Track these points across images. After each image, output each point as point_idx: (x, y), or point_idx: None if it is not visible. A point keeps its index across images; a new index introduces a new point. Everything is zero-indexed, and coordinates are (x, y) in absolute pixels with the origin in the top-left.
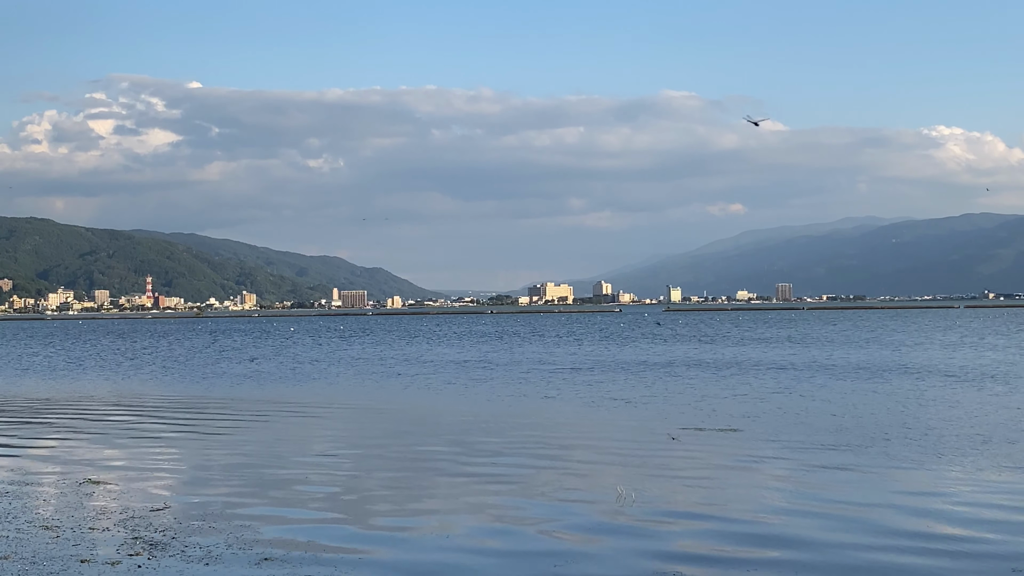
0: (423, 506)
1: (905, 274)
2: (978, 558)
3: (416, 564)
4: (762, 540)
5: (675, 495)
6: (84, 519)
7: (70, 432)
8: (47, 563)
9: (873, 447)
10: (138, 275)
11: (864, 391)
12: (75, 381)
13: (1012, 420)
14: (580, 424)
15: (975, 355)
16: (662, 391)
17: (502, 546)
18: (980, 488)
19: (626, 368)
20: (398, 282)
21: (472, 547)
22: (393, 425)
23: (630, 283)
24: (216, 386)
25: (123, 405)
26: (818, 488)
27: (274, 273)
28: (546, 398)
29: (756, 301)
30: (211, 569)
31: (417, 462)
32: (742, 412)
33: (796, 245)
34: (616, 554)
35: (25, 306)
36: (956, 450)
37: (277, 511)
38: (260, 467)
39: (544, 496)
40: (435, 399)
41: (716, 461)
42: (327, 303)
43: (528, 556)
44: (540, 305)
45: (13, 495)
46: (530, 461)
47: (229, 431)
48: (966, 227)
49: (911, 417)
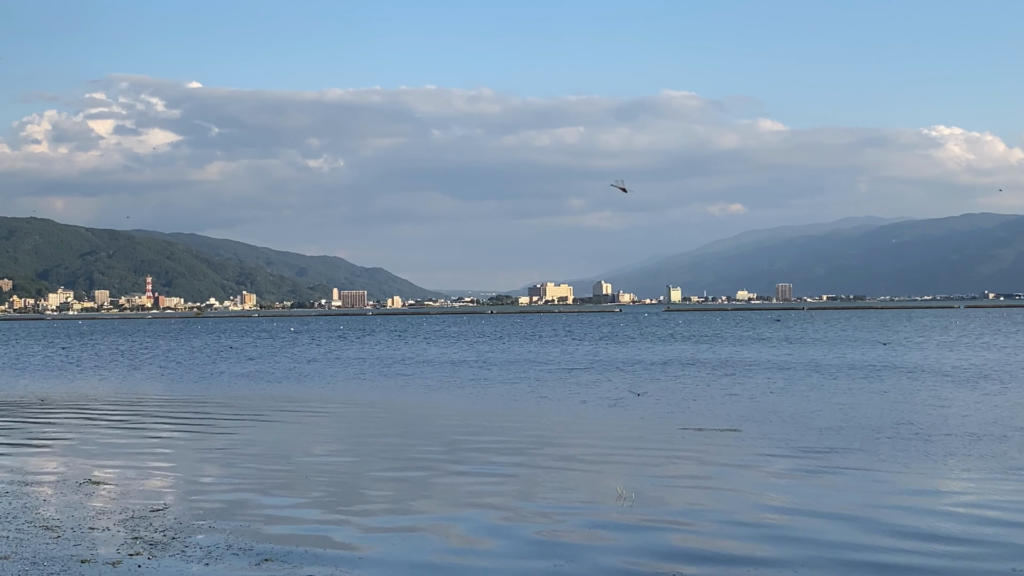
0: (423, 505)
1: (905, 274)
2: (978, 559)
3: (416, 564)
4: (762, 540)
5: (675, 494)
6: (84, 519)
7: (70, 432)
8: (47, 563)
9: (873, 447)
10: (138, 275)
11: (861, 391)
12: (75, 381)
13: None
14: (579, 423)
15: (971, 354)
16: (662, 391)
17: (501, 545)
18: (980, 487)
19: (626, 368)
20: (398, 282)
21: (472, 547)
22: (393, 425)
23: (630, 283)
24: (216, 385)
25: (123, 405)
26: (818, 487)
27: (274, 273)
28: (543, 398)
29: (756, 301)
30: (211, 569)
31: (417, 461)
32: (742, 411)
33: (796, 245)
34: (616, 553)
35: (25, 306)
36: (954, 450)
37: (277, 511)
38: (260, 466)
39: (543, 495)
40: (434, 399)
41: (716, 460)
42: (327, 303)
43: (528, 556)
44: (540, 305)
45: (13, 495)
46: (529, 460)
47: (229, 431)
48: (966, 227)
49: (910, 416)
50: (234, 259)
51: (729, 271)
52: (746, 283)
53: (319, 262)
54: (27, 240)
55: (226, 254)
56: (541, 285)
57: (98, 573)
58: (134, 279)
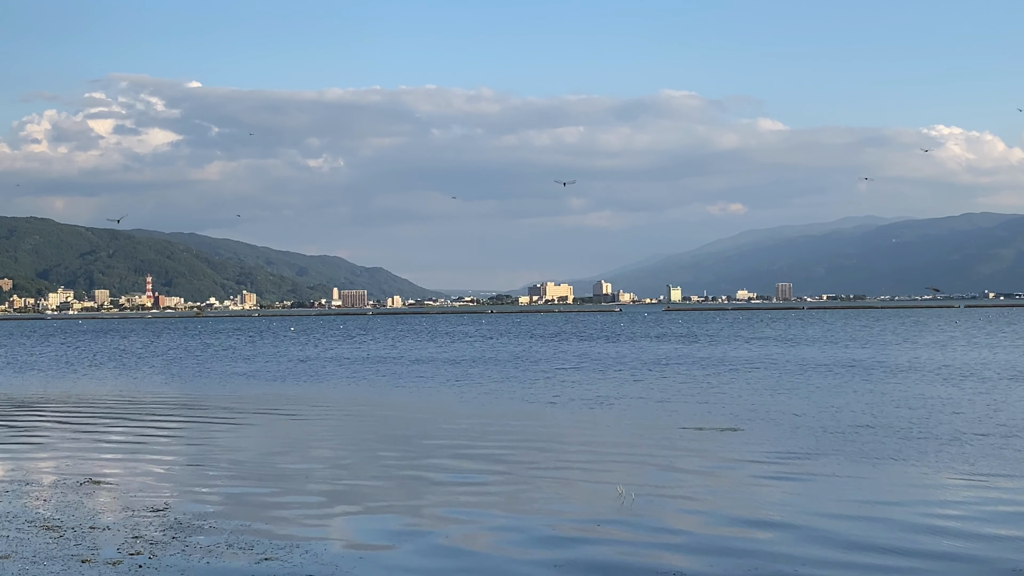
0: (424, 505)
1: (905, 274)
2: (978, 560)
3: (417, 564)
4: (762, 540)
5: (675, 494)
6: (84, 519)
7: (70, 432)
8: (48, 563)
9: (873, 447)
10: (138, 275)
11: (864, 391)
12: (75, 380)
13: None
14: (578, 423)
15: (968, 354)
16: (661, 390)
17: (501, 545)
18: (979, 487)
19: (625, 367)
20: (398, 282)
21: (472, 547)
22: (394, 424)
23: (630, 283)
24: (216, 385)
25: (123, 404)
26: (818, 487)
27: (274, 273)
28: (542, 399)
29: (756, 301)
30: (211, 569)
31: (417, 460)
32: (742, 411)
33: (796, 245)
34: (616, 553)
35: (25, 306)
36: (952, 450)
37: (278, 511)
38: (260, 466)
39: (543, 495)
40: (433, 398)
41: (716, 460)
42: (327, 303)
43: (527, 555)
44: (540, 305)
45: (13, 495)
46: (529, 458)
47: (229, 430)
48: (966, 227)
49: (913, 415)
50: (234, 259)
51: (729, 271)
52: (746, 283)
53: (319, 262)
54: (27, 240)
55: (226, 254)
56: (541, 285)
57: (98, 573)
58: (134, 279)
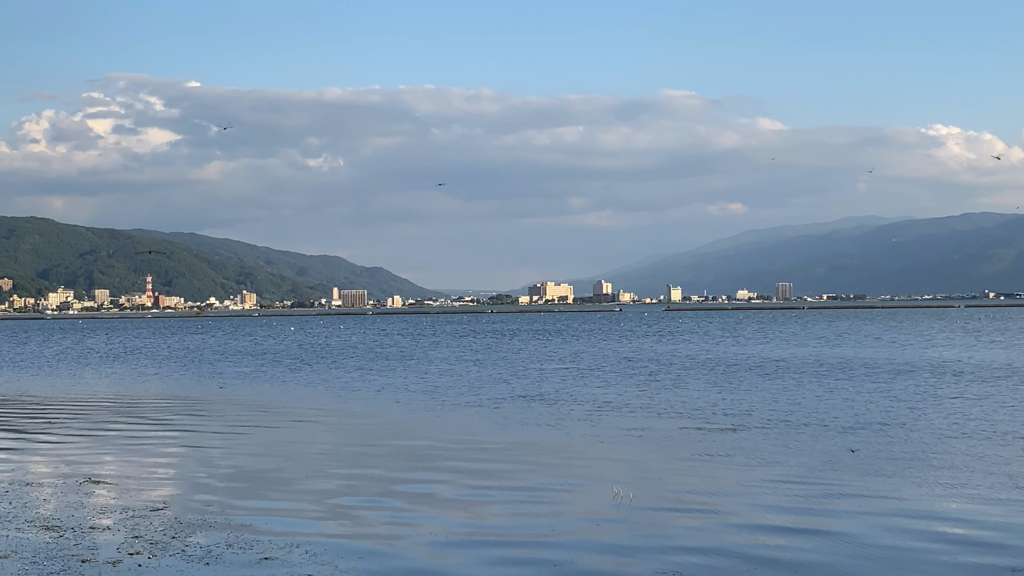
0: (423, 506)
1: (905, 273)
2: (979, 558)
3: (417, 565)
4: (762, 540)
5: (673, 495)
6: (84, 519)
7: (70, 432)
8: (47, 563)
9: (872, 446)
10: (138, 274)
11: (872, 391)
12: (75, 380)
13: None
14: (577, 423)
15: (966, 354)
16: (661, 390)
17: (500, 546)
18: (980, 488)
19: (625, 367)
20: (398, 281)
21: (471, 548)
22: (392, 426)
23: (630, 283)
24: (215, 385)
25: (123, 404)
26: (818, 488)
27: (274, 273)
28: (541, 397)
29: (756, 300)
30: (211, 569)
31: (416, 462)
32: (742, 411)
33: (796, 245)
34: (614, 554)
35: (25, 306)
36: (951, 449)
37: (278, 511)
38: (260, 466)
39: (540, 496)
40: (433, 398)
41: (715, 461)
42: (327, 303)
43: (526, 556)
44: (540, 304)
45: (13, 495)
46: (526, 458)
47: (229, 430)
48: (966, 227)
49: (908, 416)
50: (234, 258)
51: (729, 270)
52: (746, 282)
53: (319, 261)
54: (27, 239)
55: (226, 254)
56: (541, 284)
57: (98, 573)
58: (134, 278)
